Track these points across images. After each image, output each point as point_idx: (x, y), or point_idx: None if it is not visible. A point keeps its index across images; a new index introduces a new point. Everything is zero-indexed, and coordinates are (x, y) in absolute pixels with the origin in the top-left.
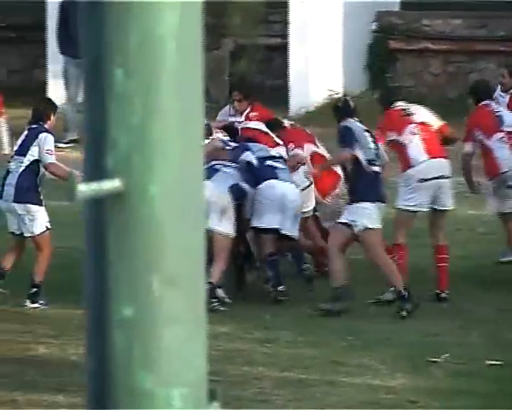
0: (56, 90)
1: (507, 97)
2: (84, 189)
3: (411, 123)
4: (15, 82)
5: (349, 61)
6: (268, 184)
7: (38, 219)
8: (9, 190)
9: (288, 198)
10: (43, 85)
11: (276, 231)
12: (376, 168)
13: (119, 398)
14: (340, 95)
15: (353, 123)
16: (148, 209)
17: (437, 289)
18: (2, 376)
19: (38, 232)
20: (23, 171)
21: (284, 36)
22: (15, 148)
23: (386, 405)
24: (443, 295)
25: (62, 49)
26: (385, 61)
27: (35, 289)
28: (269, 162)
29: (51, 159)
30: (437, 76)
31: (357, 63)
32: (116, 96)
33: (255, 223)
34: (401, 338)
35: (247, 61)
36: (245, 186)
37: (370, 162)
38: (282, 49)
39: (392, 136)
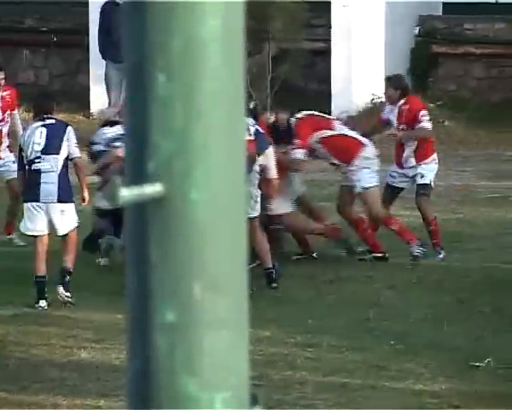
0: (98, 95)
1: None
2: (126, 193)
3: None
4: (58, 86)
5: (392, 65)
6: None
7: (74, 216)
8: (50, 190)
9: None
10: (85, 90)
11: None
12: None
13: (161, 402)
14: (382, 99)
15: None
16: (190, 213)
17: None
18: (44, 380)
19: (73, 228)
20: (62, 169)
21: (327, 40)
22: (37, 147)
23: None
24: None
25: (104, 54)
26: (427, 65)
27: (68, 278)
28: None
29: (79, 153)
30: (480, 80)
31: (399, 67)
32: (158, 100)
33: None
34: (444, 342)
35: (290, 66)
36: None
37: None
38: (325, 54)
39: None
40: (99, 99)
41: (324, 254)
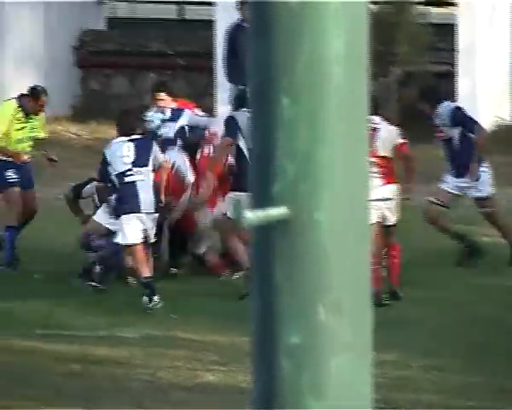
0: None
1: None
2: (251, 215)
3: None
4: None
5: None
6: None
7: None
8: (149, 200)
9: None
10: (211, 113)
11: None
12: None
13: None
14: (506, 122)
15: (240, 113)
16: (314, 236)
17: None
18: (169, 403)
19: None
20: (152, 181)
21: (452, 63)
22: (127, 160)
23: None
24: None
25: (229, 77)
26: None
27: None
28: None
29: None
30: None
31: None
32: (282, 123)
33: None
34: None
35: (415, 89)
36: None
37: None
38: (450, 76)
39: None
40: None
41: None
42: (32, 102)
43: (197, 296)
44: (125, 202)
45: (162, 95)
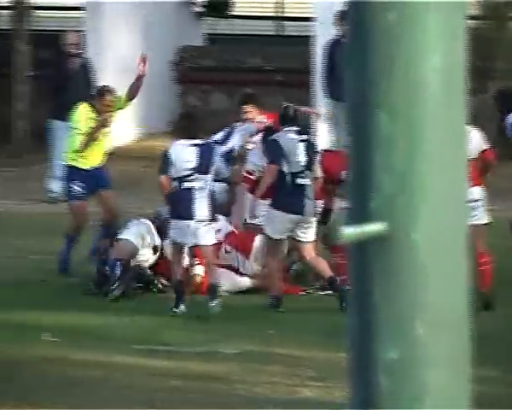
0: (323, 134)
1: None
2: (349, 232)
3: None
4: None
5: None
6: None
7: (213, 233)
8: (201, 208)
9: None
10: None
11: None
12: (302, 181)
13: None
14: None
15: (283, 135)
16: (412, 253)
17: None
18: None
19: (212, 243)
20: (209, 188)
21: None
22: (189, 165)
23: None
24: None
25: (328, 93)
26: None
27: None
28: None
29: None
30: None
31: None
32: (380, 140)
33: None
34: None
35: None
36: None
37: (295, 175)
38: None
39: None
40: (323, 137)
41: None
42: (98, 101)
43: (293, 312)
44: (180, 206)
45: (248, 107)
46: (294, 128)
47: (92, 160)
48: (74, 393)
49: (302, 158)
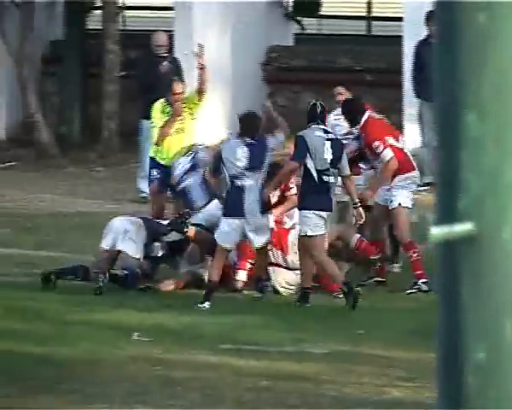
0: (412, 134)
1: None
2: (437, 232)
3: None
4: None
5: None
6: None
7: (267, 230)
8: (254, 206)
9: None
10: (400, 130)
11: None
12: (328, 179)
13: None
14: None
15: (310, 132)
16: (501, 252)
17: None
18: None
19: (266, 241)
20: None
21: None
22: (240, 163)
23: None
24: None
25: (417, 93)
26: None
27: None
28: None
29: None
30: None
31: None
32: (469, 140)
33: None
34: None
35: None
36: None
37: (321, 172)
38: None
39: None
40: (413, 138)
41: None
42: (170, 95)
43: (382, 312)
44: (231, 205)
45: (340, 88)
46: (322, 126)
47: (169, 155)
48: (166, 393)
49: (328, 156)
